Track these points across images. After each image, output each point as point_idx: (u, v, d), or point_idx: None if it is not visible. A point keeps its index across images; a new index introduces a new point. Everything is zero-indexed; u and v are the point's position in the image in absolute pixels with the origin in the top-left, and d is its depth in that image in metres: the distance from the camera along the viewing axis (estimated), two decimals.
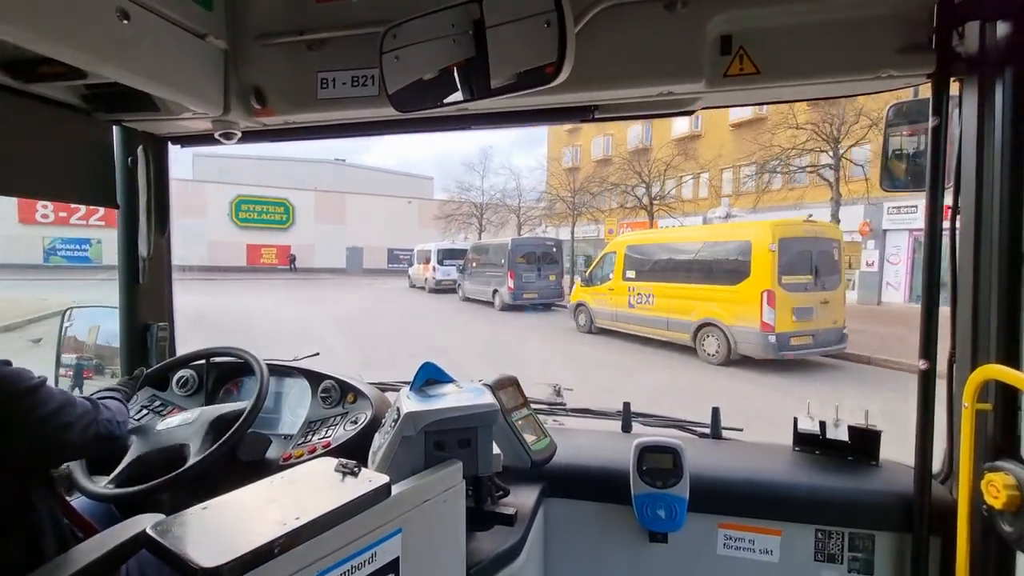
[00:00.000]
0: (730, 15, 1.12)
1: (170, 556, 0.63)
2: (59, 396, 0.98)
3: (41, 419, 0.93)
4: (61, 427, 0.96)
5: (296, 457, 1.41)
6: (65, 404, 0.98)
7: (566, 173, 24.68)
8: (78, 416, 1.00)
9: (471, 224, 27.96)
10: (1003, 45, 1.04)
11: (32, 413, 0.91)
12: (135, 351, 1.72)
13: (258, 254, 33.05)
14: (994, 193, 1.08)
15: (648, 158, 20.38)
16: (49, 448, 0.96)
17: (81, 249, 28.59)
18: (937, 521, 1.16)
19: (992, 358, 1.08)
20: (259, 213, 33.43)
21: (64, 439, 0.97)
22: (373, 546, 0.78)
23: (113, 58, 1.04)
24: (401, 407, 1.01)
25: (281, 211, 33.92)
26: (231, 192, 32.77)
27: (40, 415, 0.92)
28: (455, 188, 28.86)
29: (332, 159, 42.37)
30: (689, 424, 1.60)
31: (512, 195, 26.95)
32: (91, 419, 1.04)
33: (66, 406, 0.98)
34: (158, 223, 1.72)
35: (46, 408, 0.94)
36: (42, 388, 0.95)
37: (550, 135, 32.42)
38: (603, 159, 26.16)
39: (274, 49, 1.32)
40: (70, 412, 0.99)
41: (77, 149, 1.48)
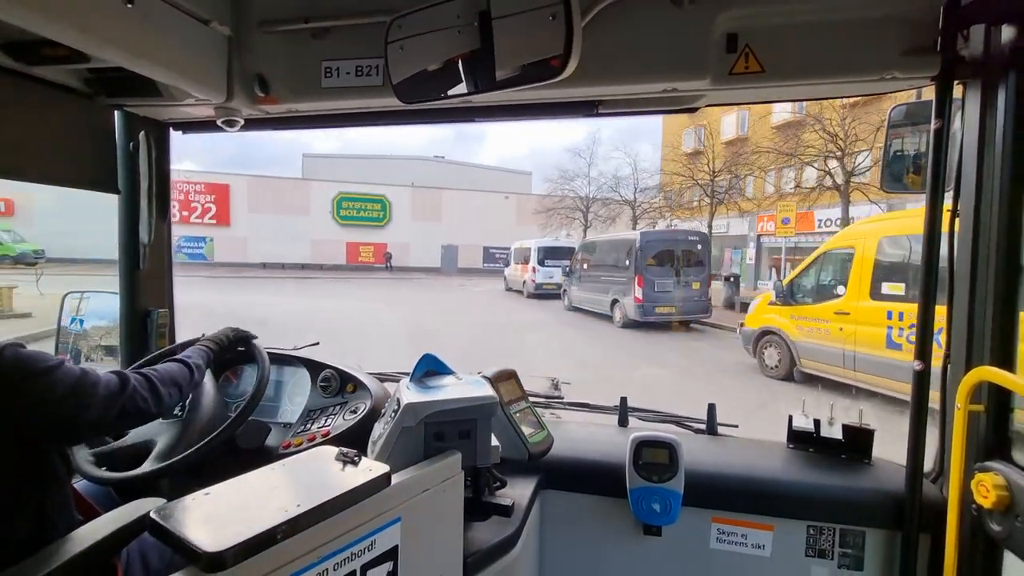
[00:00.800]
0: (736, 13, 1.12)
1: (173, 540, 0.64)
2: (77, 376, 0.98)
3: (56, 399, 0.93)
4: (78, 406, 0.97)
5: (296, 445, 1.42)
6: (84, 383, 0.99)
7: (687, 158, 21.57)
8: (99, 395, 1.01)
9: (575, 219, 25.53)
10: (1007, 49, 1.05)
11: (48, 393, 0.92)
12: (135, 337, 1.72)
13: (356, 252, 32.55)
14: (993, 197, 1.08)
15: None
16: (65, 427, 0.97)
17: (197, 246, 30.07)
18: (927, 519, 1.18)
19: (986, 360, 1.10)
20: (358, 210, 32.86)
21: (81, 418, 0.98)
22: (373, 534, 0.79)
23: (117, 42, 1.04)
24: (401, 398, 1.02)
25: (379, 208, 33.23)
26: (334, 189, 32.44)
27: (56, 395, 0.93)
28: (557, 177, 26.26)
29: (432, 156, 41.38)
30: (685, 420, 1.61)
31: (626, 183, 23.47)
32: (114, 397, 1.05)
33: (85, 385, 0.99)
34: (159, 209, 1.71)
35: (62, 387, 0.94)
36: (58, 368, 0.96)
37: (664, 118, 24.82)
38: (737, 138, 21.12)
39: (278, 36, 1.31)
40: (90, 391, 0.99)
41: (78, 133, 1.47)
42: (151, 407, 1.12)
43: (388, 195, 33.22)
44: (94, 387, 1.00)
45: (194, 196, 30.42)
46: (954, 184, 1.16)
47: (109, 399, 1.03)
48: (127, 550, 1.01)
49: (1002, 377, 0.99)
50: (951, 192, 1.16)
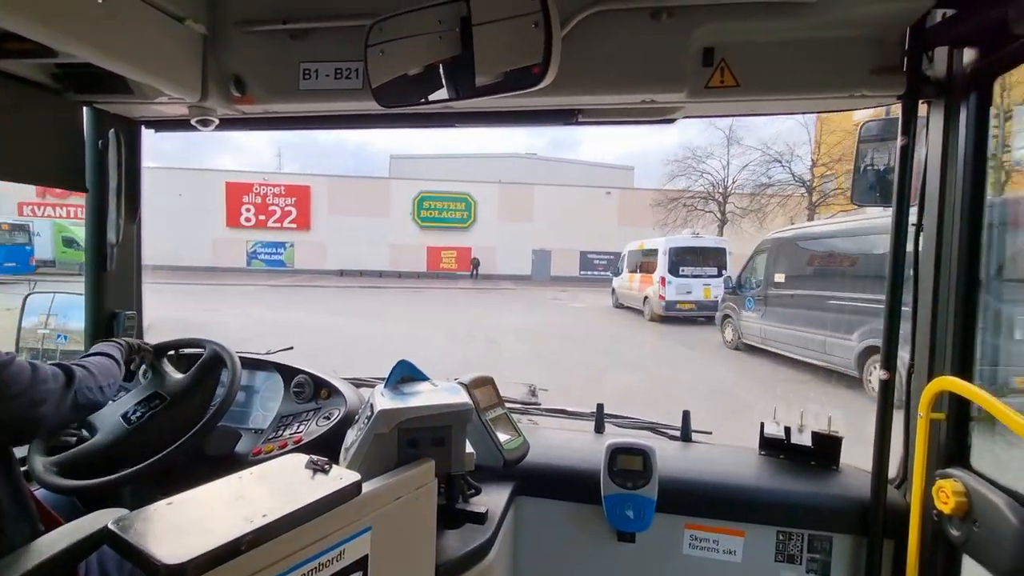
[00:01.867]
0: (714, 27, 1.14)
1: (132, 552, 0.62)
2: (29, 372, 0.97)
3: (10, 398, 0.92)
4: (31, 403, 0.96)
5: (266, 452, 1.39)
6: (36, 380, 0.98)
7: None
8: (51, 391, 1.00)
9: (706, 211, 19.94)
10: (969, 71, 1.09)
11: (3, 390, 0.91)
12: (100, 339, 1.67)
13: (438, 258, 28.95)
14: (955, 213, 1.13)
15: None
16: (23, 424, 0.96)
17: (276, 253, 28.34)
18: (891, 525, 1.21)
19: (947, 370, 1.13)
20: (440, 211, 29.17)
21: (35, 415, 0.97)
22: (342, 543, 0.78)
23: (86, 37, 1.01)
24: (375, 404, 1.01)
25: (462, 208, 29.17)
26: (415, 188, 29.25)
27: (10, 394, 0.92)
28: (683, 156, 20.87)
29: (523, 152, 36.69)
30: (661, 426, 1.63)
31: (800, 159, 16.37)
32: (65, 390, 1.04)
33: (38, 382, 0.98)
34: (128, 209, 1.67)
35: (17, 386, 0.93)
36: (11, 366, 0.94)
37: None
38: None
39: (255, 37, 1.29)
40: (42, 388, 0.98)
41: (45, 130, 1.42)
42: (98, 397, 1.13)
43: (473, 193, 29.12)
44: (45, 382, 0.99)
45: (273, 199, 28.49)
46: (919, 199, 1.20)
47: (61, 393, 1.02)
48: (85, 563, 0.98)
49: (962, 387, 1.03)
50: (916, 207, 1.20)
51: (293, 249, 28.41)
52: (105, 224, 1.62)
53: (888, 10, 1.07)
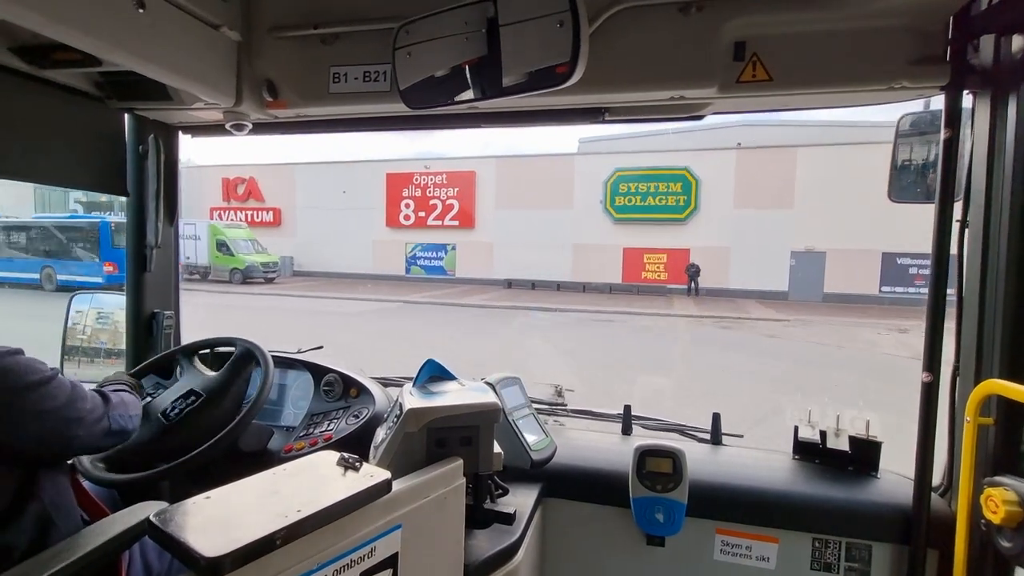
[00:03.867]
0: (744, 21, 1.12)
1: (173, 544, 0.64)
2: (69, 390, 0.97)
3: (48, 412, 0.92)
4: (69, 421, 0.95)
5: (298, 449, 1.42)
6: (75, 398, 0.97)
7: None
8: (88, 411, 0.99)
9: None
10: (1018, 59, 1.04)
11: (40, 406, 0.91)
12: (141, 338, 1.73)
13: (638, 264, 20.58)
14: (1003, 208, 1.07)
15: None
16: (56, 442, 0.95)
17: (436, 258, 23.60)
18: (935, 534, 1.16)
19: (995, 373, 1.08)
20: (643, 196, 20.33)
21: (72, 434, 0.96)
22: (373, 540, 0.78)
23: (128, 46, 1.05)
24: (404, 403, 1.02)
25: (678, 189, 19.78)
26: (608, 166, 20.52)
27: (48, 408, 0.92)
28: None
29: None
30: (689, 429, 1.60)
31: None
32: (101, 413, 1.03)
33: (76, 400, 0.97)
34: (167, 212, 1.73)
35: (55, 402, 0.93)
36: (52, 381, 0.94)
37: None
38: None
39: (287, 42, 1.32)
40: (80, 407, 0.98)
41: (89, 136, 1.49)
42: (128, 425, 1.12)
43: (693, 168, 19.57)
44: (84, 401, 0.99)
45: (433, 190, 23.21)
46: (963, 194, 1.15)
47: (97, 415, 1.02)
48: (128, 553, 1.01)
49: (1012, 390, 0.98)
50: (959, 202, 1.15)
51: (455, 253, 23.27)
52: (145, 227, 1.68)
53: None
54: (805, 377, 8.24)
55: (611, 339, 11.79)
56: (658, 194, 20.31)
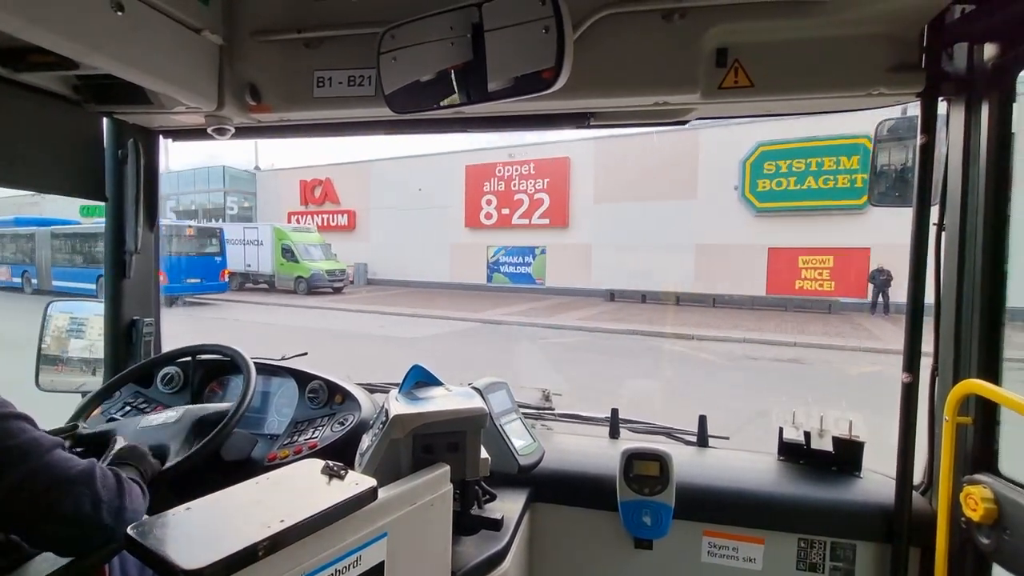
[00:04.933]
0: (726, 28, 1.14)
1: (151, 557, 0.62)
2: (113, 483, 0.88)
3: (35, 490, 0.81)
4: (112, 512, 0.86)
5: (282, 457, 1.40)
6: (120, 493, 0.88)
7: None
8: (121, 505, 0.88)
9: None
10: (990, 67, 1.07)
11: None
12: (120, 347, 1.70)
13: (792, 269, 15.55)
14: (978, 211, 1.10)
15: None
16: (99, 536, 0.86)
17: (523, 263, 20.05)
18: (917, 532, 1.18)
19: (973, 373, 1.11)
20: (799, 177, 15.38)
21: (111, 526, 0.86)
22: (358, 549, 0.77)
23: (106, 49, 1.03)
24: (389, 409, 1.01)
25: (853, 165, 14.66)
26: (747, 140, 15.83)
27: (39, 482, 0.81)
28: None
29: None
30: (676, 432, 1.60)
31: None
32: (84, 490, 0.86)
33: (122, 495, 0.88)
34: (147, 217, 1.69)
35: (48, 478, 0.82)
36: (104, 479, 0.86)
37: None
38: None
39: (271, 46, 1.31)
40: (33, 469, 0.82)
41: (66, 140, 1.46)
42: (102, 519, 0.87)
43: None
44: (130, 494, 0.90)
45: (519, 183, 19.73)
46: (939, 198, 1.18)
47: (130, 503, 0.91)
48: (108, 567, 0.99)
49: (989, 390, 1.00)
50: (937, 206, 1.18)
51: (544, 258, 19.56)
52: (123, 233, 1.65)
53: (905, 6, 1.05)
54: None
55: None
56: (822, 173, 14.70)
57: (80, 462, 0.88)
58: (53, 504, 0.82)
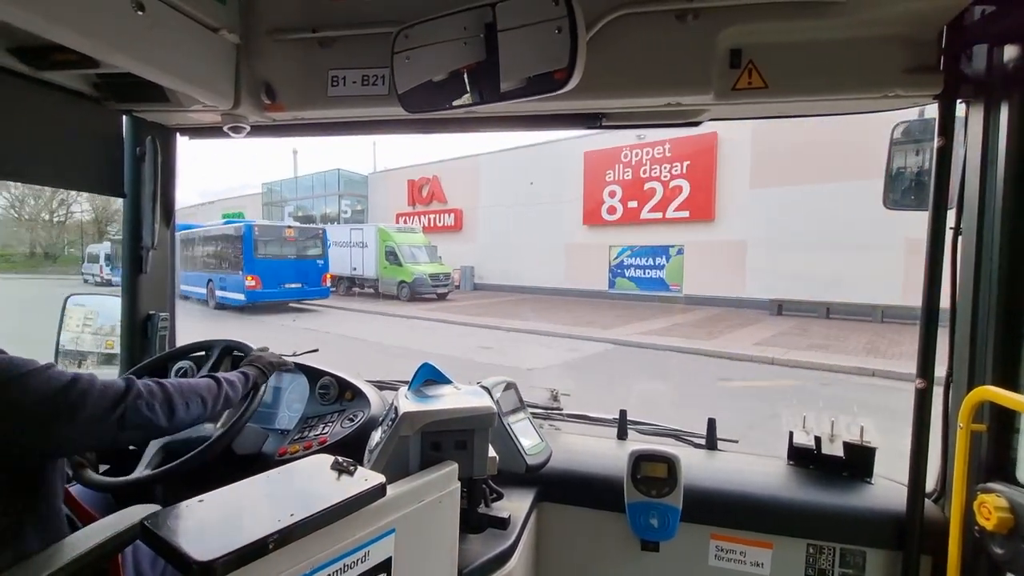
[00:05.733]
0: (741, 29, 1.13)
1: (165, 548, 0.63)
2: (63, 382, 0.89)
3: (29, 406, 0.85)
4: (56, 415, 0.87)
5: (292, 453, 1.41)
6: (70, 390, 0.89)
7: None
8: (88, 403, 0.91)
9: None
10: (1010, 68, 1.05)
11: (21, 398, 0.85)
12: (136, 340, 1.73)
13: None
14: (996, 215, 1.08)
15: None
16: (41, 436, 0.87)
17: (654, 266, 16.31)
18: (929, 540, 1.16)
19: (988, 380, 1.09)
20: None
21: (59, 429, 0.88)
22: (366, 545, 0.78)
23: (127, 48, 1.05)
24: (399, 407, 1.02)
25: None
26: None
27: (28, 401, 0.85)
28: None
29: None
30: (685, 434, 1.60)
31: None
32: (110, 406, 0.94)
33: (71, 392, 0.89)
34: (163, 214, 1.72)
35: (38, 394, 0.86)
36: (39, 373, 0.87)
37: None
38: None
39: (286, 45, 1.32)
40: (76, 399, 0.89)
41: (86, 137, 1.48)
42: (159, 419, 1.01)
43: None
44: (83, 395, 0.91)
45: (650, 168, 16.26)
46: (956, 202, 1.16)
47: (103, 408, 0.93)
48: (120, 556, 1.00)
49: (1004, 397, 0.98)
50: (953, 210, 1.16)
51: (681, 259, 15.79)
52: (141, 228, 1.68)
53: (923, 8, 1.04)
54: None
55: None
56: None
57: (118, 380, 1.01)
58: (124, 417, 0.97)
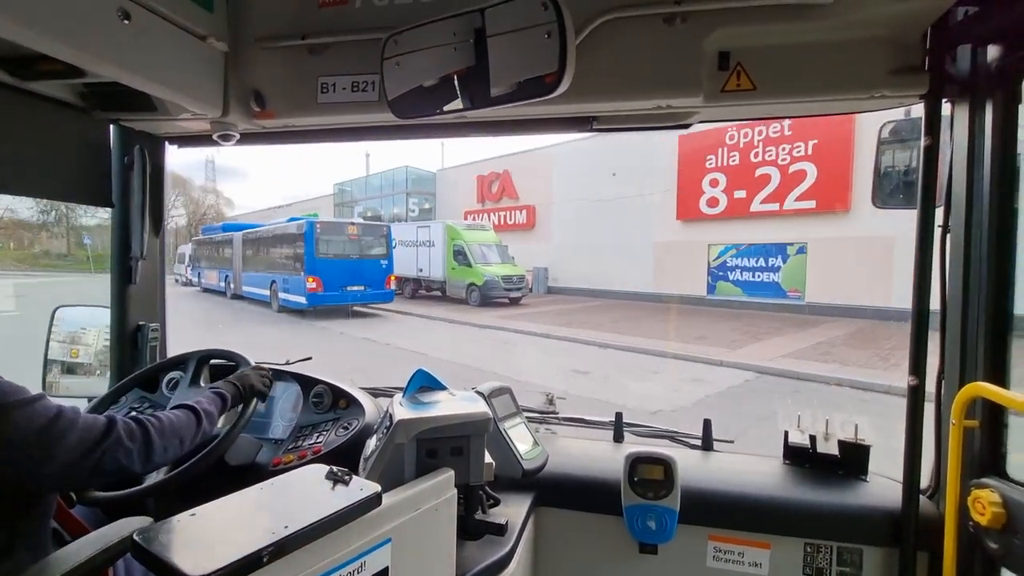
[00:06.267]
0: (728, 31, 1.14)
1: (156, 563, 0.62)
2: (50, 416, 0.87)
3: (21, 440, 0.84)
4: (41, 454, 0.86)
5: (286, 462, 1.40)
6: (55, 426, 0.87)
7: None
8: (68, 443, 0.89)
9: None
10: (994, 68, 1.07)
11: (14, 432, 0.83)
12: (126, 352, 1.71)
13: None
14: (983, 213, 1.10)
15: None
16: (26, 474, 0.85)
17: (766, 268, 13.78)
18: (924, 536, 1.17)
19: (979, 376, 1.10)
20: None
21: (43, 468, 0.86)
22: (363, 555, 0.77)
23: (113, 57, 1.04)
24: (394, 414, 1.01)
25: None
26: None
27: (20, 435, 0.84)
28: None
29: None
30: (681, 435, 1.60)
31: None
32: (90, 448, 0.92)
33: (55, 429, 0.87)
34: (152, 223, 1.71)
35: (20, 433, 0.84)
36: (30, 405, 0.86)
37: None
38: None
39: (275, 52, 1.32)
40: (58, 437, 0.87)
41: (74, 148, 1.47)
42: (135, 463, 0.99)
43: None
44: (65, 433, 0.88)
45: (763, 151, 13.92)
46: (944, 200, 1.17)
47: (81, 449, 0.91)
48: (111, 571, 0.99)
49: (995, 393, 0.99)
50: (941, 208, 1.17)
51: (803, 259, 13.30)
52: (130, 238, 1.66)
53: (908, 9, 1.05)
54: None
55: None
56: None
57: (100, 419, 0.97)
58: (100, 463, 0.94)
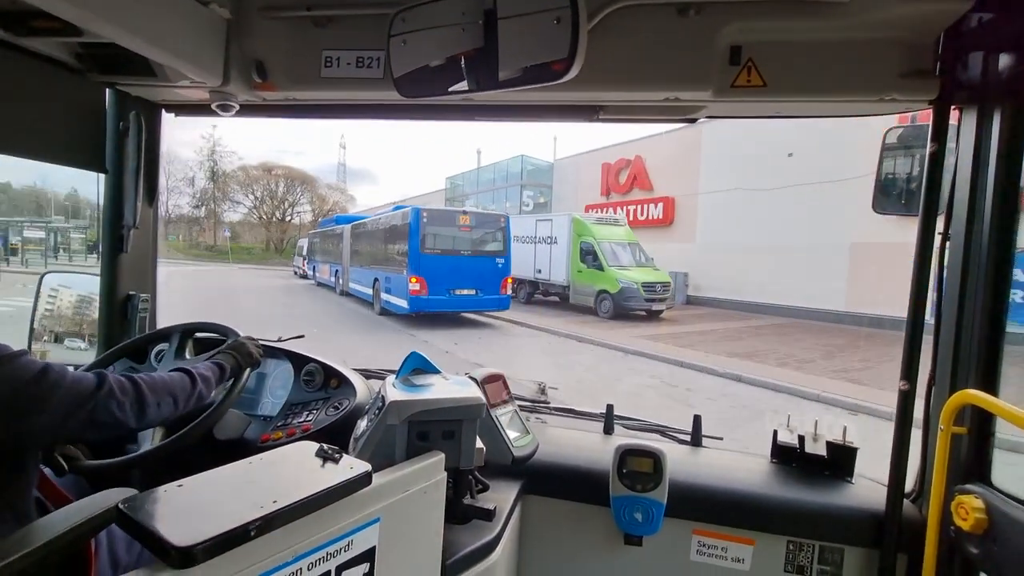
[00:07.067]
0: (741, 26, 1.12)
1: (142, 533, 0.61)
2: (35, 372, 0.88)
3: (3, 396, 0.85)
4: (29, 408, 0.87)
5: (275, 439, 1.39)
6: (42, 381, 0.88)
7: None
8: (58, 396, 0.90)
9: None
10: (1005, 76, 1.06)
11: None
12: (115, 321, 1.68)
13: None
14: (984, 223, 1.10)
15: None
16: (12, 430, 0.86)
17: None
18: (906, 539, 1.18)
19: (970, 383, 1.11)
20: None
21: (31, 422, 0.87)
22: (350, 534, 0.77)
23: (111, 16, 1.01)
24: (386, 395, 1.00)
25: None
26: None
27: (3, 391, 0.85)
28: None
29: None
30: (670, 430, 1.61)
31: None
32: (81, 401, 0.94)
33: (42, 384, 0.88)
34: (147, 192, 1.68)
35: (12, 383, 0.85)
36: (12, 361, 0.86)
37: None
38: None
39: (279, 23, 1.29)
40: (47, 391, 0.89)
41: (67, 109, 1.43)
42: (128, 418, 1.00)
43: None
44: (54, 387, 0.90)
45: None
46: (946, 208, 1.17)
47: (72, 402, 0.92)
48: (94, 541, 0.98)
49: (986, 401, 1.00)
50: (942, 215, 1.17)
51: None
52: (123, 206, 1.63)
53: (922, 12, 1.04)
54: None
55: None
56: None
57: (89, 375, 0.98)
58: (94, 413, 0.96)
